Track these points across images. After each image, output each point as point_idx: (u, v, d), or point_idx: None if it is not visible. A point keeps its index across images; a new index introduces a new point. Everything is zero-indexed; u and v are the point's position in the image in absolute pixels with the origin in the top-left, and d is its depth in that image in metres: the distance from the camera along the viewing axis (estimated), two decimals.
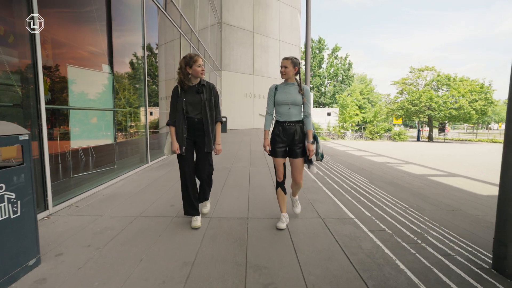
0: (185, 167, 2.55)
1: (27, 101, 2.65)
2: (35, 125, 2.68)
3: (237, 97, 18.01)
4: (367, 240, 2.37)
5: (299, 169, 2.57)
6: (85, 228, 2.51)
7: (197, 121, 2.51)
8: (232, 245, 2.22)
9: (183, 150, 2.50)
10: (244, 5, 18.55)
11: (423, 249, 2.59)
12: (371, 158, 13.69)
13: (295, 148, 2.53)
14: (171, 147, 2.52)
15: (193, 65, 2.43)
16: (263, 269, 1.89)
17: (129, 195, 3.53)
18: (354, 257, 2.06)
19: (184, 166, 2.55)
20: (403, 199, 6.03)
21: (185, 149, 2.51)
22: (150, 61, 6.00)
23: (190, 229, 2.53)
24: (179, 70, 2.47)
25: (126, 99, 5.06)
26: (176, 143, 2.49)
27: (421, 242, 2.85)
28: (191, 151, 2.58)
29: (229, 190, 3.84)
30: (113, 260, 1.97)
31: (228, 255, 2.07)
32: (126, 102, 5.04)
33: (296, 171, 2.59)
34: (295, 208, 2.85)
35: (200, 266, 1.92)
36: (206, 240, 2.31)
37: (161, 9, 6.19)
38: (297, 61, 2.53)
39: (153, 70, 6.39)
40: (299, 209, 2.85)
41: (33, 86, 2.65)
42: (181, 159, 2.56)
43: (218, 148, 2.63)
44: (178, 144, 2.49)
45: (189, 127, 2.52)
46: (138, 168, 5.06)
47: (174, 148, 2.48)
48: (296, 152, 2.53)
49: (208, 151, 2.55)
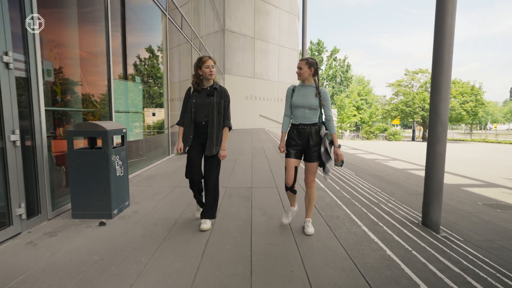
0: (192, 169, 2.53)
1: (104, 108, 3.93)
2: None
3: (239, 99, 19.31)
4: (329, 198, 3.65)
5: (312, 172, 2.50)
6: (145, 191, 3.80)
7: (204, 124, 2.51)
8: (242, 200, 3.50)
9: (185, 150, 2.53)
10: (245, 13, 19.84)
11: (374, 210, 3.83)
12: (362, 156, 14.95)
13: (310, 152, 2.46)
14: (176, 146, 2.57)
15: (201, 66, 2.45)
16: (261, 208, 3.17)
17: (164, 175, 4.82)
18: (317, 204, 3.33)
19: (191, 169, 2.53)
20: (380, 186, 7.29)
21: (193, 152, 2.52)
22: (171, 67, 7.28)
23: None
24: (193, 72, 2.54)
25: (153, 103, 6.33)
26: (180, 143, 2.54)
27: (374, 207, 4.08)
28: (199, 155, 2.55)
29: (237, 172, 5.12)
30: (169, 206, 3.25)
31: (240, 203, 3.35)
32: (152, 105, 6.32)
33: (309, 174, 2.51)
34: (308, 229, 2.49)
35: (223, 206, 3.19)
36: (226, 197, 3.59)
37: (177, 26, 7.47)
38: (313, 61, 2.42)
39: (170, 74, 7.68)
40: (312, 229, 2.50)
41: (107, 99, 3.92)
42: (188, 162, 2.56)
43: (222, 153, 2.55)
44: (182, 144, 2.54)
45: (196, 130, 2.52)
46: (163, 159, 6.34)
47: (178, 147, 2.53)
48: (312, 156, 2.45)
49: (209, 155, 2.51)
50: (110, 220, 2.74)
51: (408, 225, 3.60)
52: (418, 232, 3.34)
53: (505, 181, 8.62)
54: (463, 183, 8.20)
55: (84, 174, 2.72)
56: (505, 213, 5.46)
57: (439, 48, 3.55)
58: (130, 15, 5.10)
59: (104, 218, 2.75)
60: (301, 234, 2.50)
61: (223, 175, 4.85)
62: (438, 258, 2.33)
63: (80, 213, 2.76)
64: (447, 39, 3.49)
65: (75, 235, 2.39)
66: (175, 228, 2.59)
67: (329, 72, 51.10)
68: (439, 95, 3.62)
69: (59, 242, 2.25)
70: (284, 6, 23.04)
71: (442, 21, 3.50)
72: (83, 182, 2.72)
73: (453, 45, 3.58)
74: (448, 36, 3.49)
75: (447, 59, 3.54)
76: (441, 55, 3.54)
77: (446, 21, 3.49)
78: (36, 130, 2.55)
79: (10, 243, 2.23)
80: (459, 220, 4.99)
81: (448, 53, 3.53)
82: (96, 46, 3.84)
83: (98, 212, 2.76)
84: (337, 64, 51.32)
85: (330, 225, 2.73)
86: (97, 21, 3.79)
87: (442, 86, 3.59)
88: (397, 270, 1.94)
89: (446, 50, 3.51)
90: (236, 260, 2.02)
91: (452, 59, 3.62)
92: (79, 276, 1.79)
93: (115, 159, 2.82)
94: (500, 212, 5.52)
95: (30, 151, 2.53)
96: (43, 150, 2.61)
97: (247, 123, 20.11)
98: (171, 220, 2.79)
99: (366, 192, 5.56)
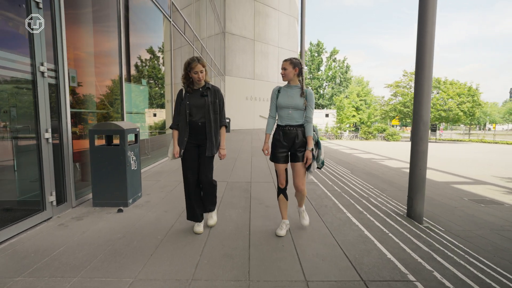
0: (188, 173, 2.52)
1: (116, 109, 4.32)
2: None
3: (239, 100, 19.73)
4: (320, 190, 4.04)
5: (300, 174, 2.46)
6: (154, 185, 4.20)
7: (200, 125, 2.47)
8: (242, 192, 3.89)
9: (181, 153, 2.50)
10: (245, 16, 20.27)
11: (362, 202, 4.21)
12: (359, 155, 15.35)
13: (296, 152, 2.45)
14: (172, 150, 2.53)
15: (190, 71, 2.41)
16: (259, 199, 3.56)
17: (170, 171, 5.22)
18: (309, 195, 3.72)
19: (187, 173, 2.53)
20: (373, 183, 7.68)
21: (188, 154, 2.50)
22: (174, 68, 7.69)
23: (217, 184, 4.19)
24: (183, 73, 2.49)
25: (156, 104, 6.73)
26: (176, 147, 2.50)
27: (363, 200, 4.47)
28: (195, 157, 2.53)
29: (238, 169, 5.51)
30: (177, 197, 3.64)
31: (240, 195, 3.74)
32: (156, 106, 6.72)
33: (297, 177, 2.47)
34: (303, 220, 2.63)
35: (225, 197, 3.59)
36: (227, 190, 3.98)
37: (180, 32, 7.87)
38: (297, 61, 2.42)
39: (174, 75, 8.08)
40: (307, 221, 2.63)
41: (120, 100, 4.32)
42: (184, 165, 2.54)
43: (222, 153, 2.59)
44: (178, 148, 2.50)
45: (192, 131, 2.49)
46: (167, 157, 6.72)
47: (174, 151, 2.49)
48: (297, 156, 2.44)
49: (210, 155, 2.49)
50: (126, 208, 3.14)
51: (392, 216, 3.98)
52: (401, 222, 3.72)
53: (494, 179, 9.00)
54: (453, 181, 8.58)
55: (104, 167, 3.12)
56: (488, 207, 5.85)
57: (420, 61, 3.94)
58: (136, 21, 5.50)
59: (121, 206, 3.15)
60: (293, 218, 2.89)
61: (224, 172, 5.26)
62: (412, 240, 2.71)
63: (100, 202, 3.15)
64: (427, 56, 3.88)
65: (98, 219, 2.78)
66: (184, 214, 2.97)
67: (329, 73, 51.57)
68: (421, 99, 4.01)
69: (86, 225, 2.65)
70: (284, 8, 23.48)
71: (423, 39, 3.89)
72: (103, 175, 3.12)
73: (433, 59, 3.98)
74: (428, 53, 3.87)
75: (427, 71, 3.92)
76: (422, 68, 3.92)
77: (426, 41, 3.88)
78: (63, 129, 2.95)
79: (45, 225, 2.62)
80: (444, 214, 5.38)
81: (429, 66, 3.91)
82: (110, 53, 4.23)
83: (115, 201, 3.15)
84: (336, 65, 51.80)
85: (319, 212, 3.12)
86: (111, 31, 4.19)
87: (424, 92, 3.98)
88: (370, 245, 2.33)
89: (427, 63, 3.90)
90: (237, 237, 2.41)
91: (432, 69, 4.00)
92: (108, 248, 2.19)
93: (130, 154, 3.22)
94: (483, 206, 5.90)
95: (58, 147, 2.92)
96: (68, 146, 3.00)
97: (247, 124, 20.52)
98: (180, 208, 3.19)
99: (358, 187, 5.94)
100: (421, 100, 4.05)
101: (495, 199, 6.45)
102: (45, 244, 2.23)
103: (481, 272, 2.28)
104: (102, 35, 4.18)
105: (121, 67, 4.27)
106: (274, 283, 1.77)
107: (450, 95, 28.65)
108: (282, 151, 2.47)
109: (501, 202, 6.23)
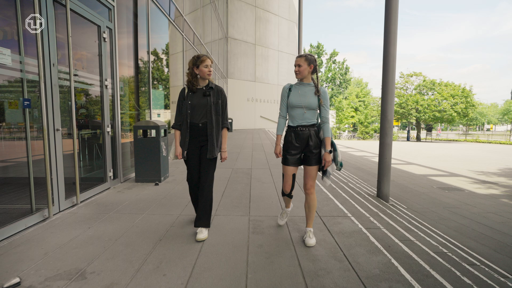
0: (193, 173, 2.49)
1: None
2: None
3: (241, 102, 20.91)
4: None
5: (312, 176, 2.32)
6: (176, 169, 5.38)
7: (201, 126, 2.42)
8: (245, 174, 5.04)
9: (184, 155, 2.46)
10: (247, 22, 21.45)
11: (342, 187, 5.33)
12: (353, 153, 16.46)
13: (310, 155, 2.29)
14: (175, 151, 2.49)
15: (200, 65, 2.36)
16: (257, 178, 4.70)
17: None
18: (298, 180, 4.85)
19: (192, 173, 2.49)
20: (359, 176, 8.79)
21: (191, 155, 2.46)
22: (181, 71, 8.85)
23: (225, 170, 5.33)
24: (188, 71, 2.43)
25: (172, 103, 7.89)
26: (179, 148, 2.46)
27: (344, 186, 5.58)
28: (198, 160, 2.47)
29: (241, 160, 6.66)
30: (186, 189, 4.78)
31: (243, 176, 4.89)
32: (171, 105, 7.88)
33: (309, 177, 2.33)
34: (308, 239, 2.29)
35: (232, 177, 4.73)
36: (233, 173, 5.13)
37: (185, 37, 9.03)
38: (312, 58, 2.26)
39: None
40: (313, 241, 2.29)
41: None
42: (188, 165, 2.51)
43: (224, 156, 2.54)
44: (181, 149, 2.46)
45: (193, 133, 2.43)
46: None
47: (177, 153, 2.46)
48: (311, 159, 2.29)
49: (210, 157, 2.42)
50: (160, 183, 4.29)
51: (364, 196, 5.10)
52: (370, 199, 4.84)
53: (468, 172, 10.10)
54: (431, 174, 9.68)
55: (144, 153, 4.27)
56: (450, 192, 6.95)
57: (386, 70, 5.06)
58: (157, 39, 6.66)
59: (156, 181, 4.30)
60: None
61: (230, 162, 6.40)
62: (374, 211, 3.81)
63: (140, 179, 4.31)
64: (391, 65, 5.00)
65: (143, 189, 3.93)
66: None
67: (328, 75, 52.68)
68: (386, 102, 5.13)
69: (135, 192, 3.80)
70: (284, 14, 24.65)
71: (388, 49, 5.01)
72: (143, 159, 4.27)
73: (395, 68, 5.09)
74: (392, 62, 5.00)
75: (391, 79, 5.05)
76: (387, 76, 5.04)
77: (389, 51, 5.00)
78: (116, 125, 4.10)
79: (107, 191, 3.78)
80: (411, 197, 6.49)
81: (392, 75, 5.04)
82: (142, 72, 5.39)
83: (152, 178, 4.30)
84: (336, 67, 52.91)
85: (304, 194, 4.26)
86: (143, 57, 5.35)
87: (388, 95, 5.10)
88: (341, 212, 3.44)
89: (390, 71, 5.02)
90: (241, 198, 3.57)
91: (395, 76, 5.13)
92: (156, 202, 3.34)
93: (162, 144, 4.36)
94: (447, 192, 7.01)
95: (113, 139, 4.08)
96: (118, 138, 4.15)
97: (248, 124, 21.70)
98: None
99: (343, 177, 7.07)
100: (386, 102, 5.18)
101: (459, 187, 7.55)
102: (115, 200, 3.39)
103: (423, 233, 3.36)
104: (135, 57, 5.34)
105: (149, 81, 5.43)
106: (265, 213, 2.92)
107: (445, 96, 29.69)
108: (294, 153, 2.31)
109: (463, 189, 7.34)
